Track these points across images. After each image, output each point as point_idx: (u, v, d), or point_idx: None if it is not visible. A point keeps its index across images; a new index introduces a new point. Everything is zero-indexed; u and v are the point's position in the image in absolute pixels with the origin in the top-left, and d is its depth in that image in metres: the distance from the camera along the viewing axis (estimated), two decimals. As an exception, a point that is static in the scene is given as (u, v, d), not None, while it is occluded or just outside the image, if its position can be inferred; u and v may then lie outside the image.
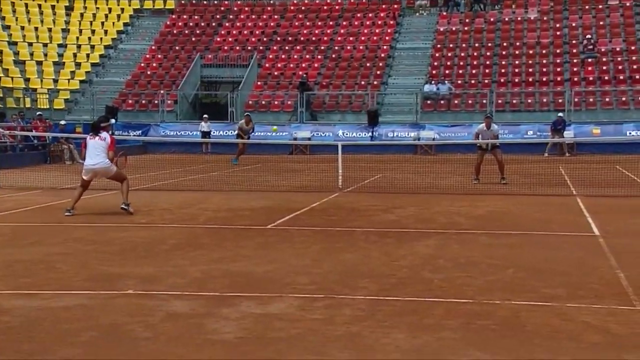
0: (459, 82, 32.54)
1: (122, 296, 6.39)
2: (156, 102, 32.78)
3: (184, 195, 14.45)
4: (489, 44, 34.47)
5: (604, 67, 31.59)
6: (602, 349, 4.85)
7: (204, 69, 35.32)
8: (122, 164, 12.20)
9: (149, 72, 35.37)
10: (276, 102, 32.75)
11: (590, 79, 31.10)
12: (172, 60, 36.11)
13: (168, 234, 9.80)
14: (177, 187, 16.03)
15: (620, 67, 31.21)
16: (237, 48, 36.22)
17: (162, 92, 32.85)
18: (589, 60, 31.99)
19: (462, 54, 34.26)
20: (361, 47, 35.61)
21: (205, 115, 30.36)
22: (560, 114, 27.23)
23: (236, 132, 24.65)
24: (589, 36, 33.13)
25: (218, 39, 37.11)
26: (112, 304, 6.11)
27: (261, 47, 36.36)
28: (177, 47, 36.81)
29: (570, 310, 5.82)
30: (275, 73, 34.70)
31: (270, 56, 35.85)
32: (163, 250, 8.59)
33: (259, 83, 34.05)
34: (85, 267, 7.61)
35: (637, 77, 30.52)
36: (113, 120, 12.61)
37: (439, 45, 35.01)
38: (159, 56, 36.39)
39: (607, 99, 29.91)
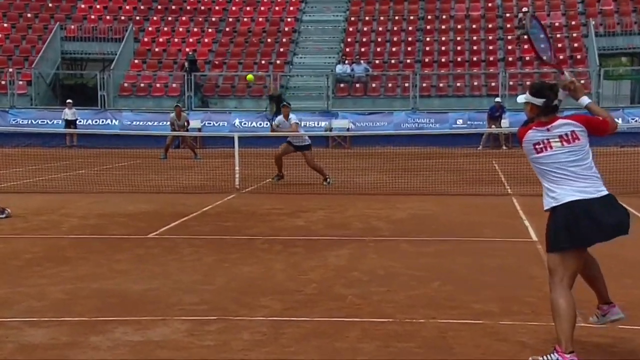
0: (378, 62, 33.07)
1: (-36, 325, 6.18)
2: (4, 83, 31.68)
3: (42, 199, 14.07)
4: (412, 17, 35.19)
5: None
6: (539, 371, 5.06)
7: (65, 43, 34.44)
8: None
9: (-10, 46, 34.19)
10: (158, 85, 32.33)
11: (527, 59, 32.24)
12: (23, 31, 35.00)
13: (21, 246, 9.53)
14: (33, 189, 15.58)
15: (560, 45, 32.49)
16: (108, 18, 35.51)
17: (10, 70, 31.82)
18: (526, 37, 33.10)
19: (381, 29, 34.83)
20: (261, 20, 35.62)
21: (68, 101, 29.68)
22: (498, 99, 28.11)
23: (170, 126, 25.14)
24: (525, 9, 34.34)
25: (83, 6, 36.26)
26: (-50, 334, 5.90)
27: (138, 18, 35.79)
28: (29, 15, 35.70)
29: (503, 328, 6.03)
30: (157, 49, 34.25)
31: (150, 29, 35.34)
32: (15, 267, 8.35)
33: (136, 61, 33.51)
34: None
35: (579, 56, 31.86)
36: None
37: (353, 18, 35.46)
38: (5, 25, 35.18)
39: (547, 82, 31.05)
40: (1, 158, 20.30)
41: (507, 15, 34.90)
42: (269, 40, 34.43)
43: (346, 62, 32.18)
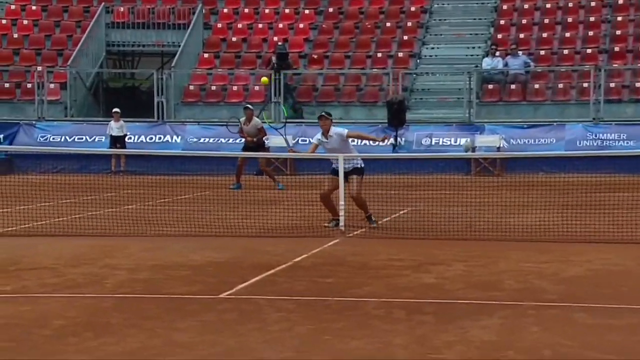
0: (543, 53, 32.74)
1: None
2: (30, 86, 32.59)
3: (79, 244, 14.40)
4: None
5: None
6: None
7: (112, 32, 35.28)
8: None
9: (15, 36, 35.34)
10: (235, 88, 32.75)
11: None
12: (57, 16, 36.06)
13: (52, 309, 9.77)
14: (67, 231, 15.96)
15: None
16: (170, -3, 36.38)
17: (39, 69, 32.66)
18: None
19: (549, 6, 34.50)
20: (378, -4, 35.87)
21: (115, 110, 30.18)
22: None
23: (241, 138, 25.30)
24: None
25: (136, -17, 37.27)
26: None
27: (210, -3, 36.51)
28: (65, -6, 36.84)
29: None
30: (234, 39, 34.78)
31: (226, 11, 35.96)
32: (42, 338, 8.56)
33: (206, 56, 34.12)
34: None
35: None
36: None
37: (508, -7, 35.34)
38: (34, 8, 36.32)
39: None
40: (26, 188, 20.91)
41: None
42: (388, 24, 34.56)
43: (497, 53, 31.99)
